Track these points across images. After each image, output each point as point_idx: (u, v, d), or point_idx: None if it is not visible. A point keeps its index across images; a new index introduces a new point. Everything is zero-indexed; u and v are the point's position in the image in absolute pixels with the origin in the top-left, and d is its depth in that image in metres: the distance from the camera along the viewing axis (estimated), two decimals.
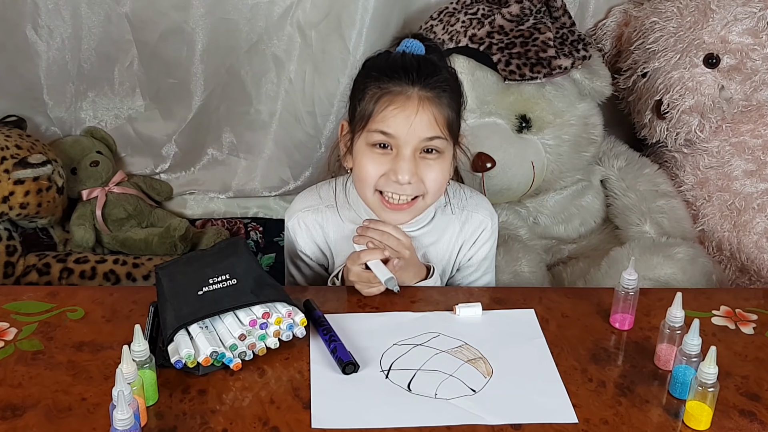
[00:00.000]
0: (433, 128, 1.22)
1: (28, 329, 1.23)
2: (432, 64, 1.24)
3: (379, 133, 1.23)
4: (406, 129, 1.21)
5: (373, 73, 1.25)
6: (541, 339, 1.26)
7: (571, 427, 1.07)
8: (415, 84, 1.21)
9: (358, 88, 1.28)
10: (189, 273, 1.23)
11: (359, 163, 1.28)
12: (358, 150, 1.28)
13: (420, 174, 1.25)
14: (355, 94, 1.29)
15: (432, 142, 1.23)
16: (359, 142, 1.27)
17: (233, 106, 2.18)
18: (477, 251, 1.46)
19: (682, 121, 2.01)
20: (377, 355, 1.19)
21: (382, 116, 1.21)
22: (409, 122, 1.20)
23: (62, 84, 2.11)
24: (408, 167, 1.23)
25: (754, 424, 1.10)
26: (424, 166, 1.25)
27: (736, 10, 1.96)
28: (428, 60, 1.25)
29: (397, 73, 1.21)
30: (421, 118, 1.20)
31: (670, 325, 1.17)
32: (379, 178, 1.26)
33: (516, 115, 1.95)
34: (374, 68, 1.26)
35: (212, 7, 1.99)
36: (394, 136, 1.22)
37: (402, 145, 1.22)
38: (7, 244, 1.93)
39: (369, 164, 1.26)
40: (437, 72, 1.23)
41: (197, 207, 2.32)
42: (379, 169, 1.25)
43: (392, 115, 1.20)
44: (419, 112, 1.20)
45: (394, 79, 1.21)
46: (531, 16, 1.93)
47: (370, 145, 1.25)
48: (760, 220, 1.97)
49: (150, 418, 1.05)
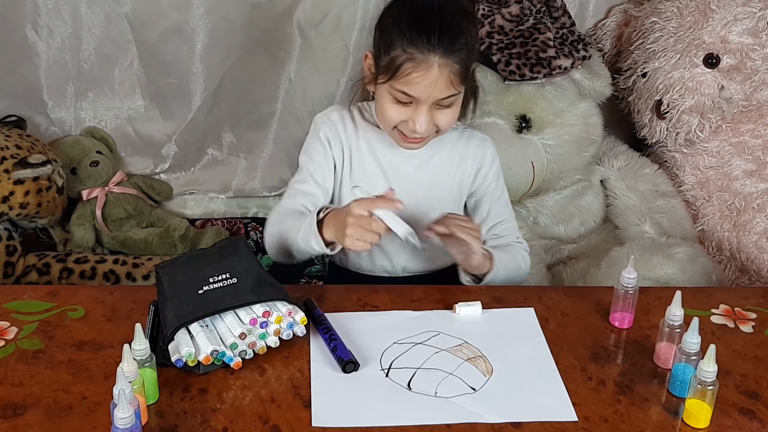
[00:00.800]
0: (449, 88, 1.31)
1: (29, 328, 1.23)
2: (451, 24, 1.30)
3: (401, 93, 1.32)
4: (426, 93, 1.31)
5: (397, 30, 1.31)
6: (540, 338, 1.26)
7: (571, 425, 1.07)
8: (436, 51, 1.28)
9: (385, 34, 1.34)
10: (189, 272, 1.23)
11: (382, 106, 1.38)
12: (381, 94, 1.37)
13: (434, 120, 1.35)
14: (381, 36, 1.35)
15: (447, 99, 1.33)
16: (383, 87, 1.35)
17: (233, 106, 2.19)
18: (488, 170, 1.52)
19: (682, 121, 2.01)
20: (377, 354, 1.20)
21: (405, 80, 1.30)
22: (430, 88, 1.30)
23: (62, 84, 2.11)
24: (425, 119, 1.33)
25: (753, 422, 1.10)
26: (439, 113, 1.35)
27: (736, 10, 1.96)
28: (449, 19, 1.30)
29: (420, 39, 1.28)
30: (440, 83, 1.30)
31: (670, 324, 1.17)
32: (399, 122, 1.36)
33: (516, 115, 1.95)
34: (400, 22, 1.32)
35: (212, 7, 1.99)
36: (415, 97, 1.32)
37: (421, 102, 1.32)
38: (7, 244, 1.93)
39: (390, 110, 1.36)
40: (457, 35, 1.29)
41: (197, 207, 2.33)
42: (399, 116, 1.36)
43: (415, 82, 1.29)
44: (439, 79, 1.29)
45: (417, 45, 1.28)
46: (531, 16, 1.93)
47: (394, 98, 1.34)
48: (760, 220, 1.97)
49: (151, 417, 1.05)
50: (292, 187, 1.48)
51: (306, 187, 1.46)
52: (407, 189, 1.43)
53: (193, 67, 2.08)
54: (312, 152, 1.48)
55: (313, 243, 1.31)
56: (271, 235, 1.44)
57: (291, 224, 1.37)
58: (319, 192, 1.46)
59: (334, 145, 1.47)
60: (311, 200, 1.44)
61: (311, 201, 1.44)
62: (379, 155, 1.47)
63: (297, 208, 1.43)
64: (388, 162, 1.47)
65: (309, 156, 1.48)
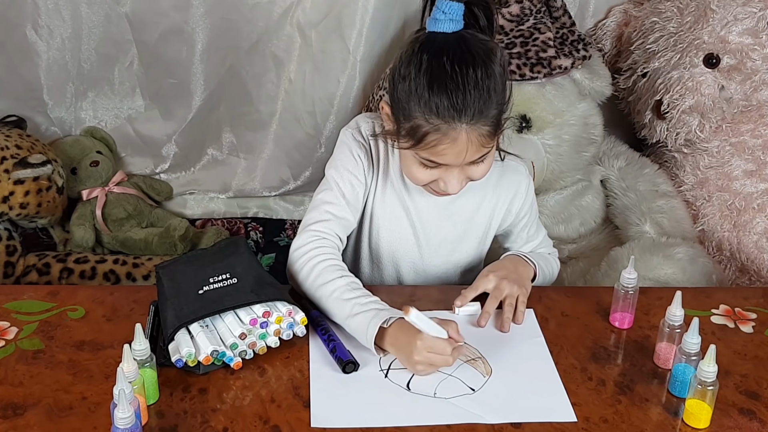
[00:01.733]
0: (480, 150, 1.20)
1: (29, 328, 1.23)
2: (477, 84, 1.14)
3: (428, 161, 1.21)
4: (457, 161, 1.19)
5: (416, 96, 1.16)
6: (540, 338, 1.26)
7: (571, 425, 1.07)
8: (463, 119, 1.14)
9: (402, 99, 1.19)
10: (189, 272, 1.23)
11: (408, 167, 1.26)
12: (406, 154, 1.24)
13: (468, 175, 1.24)
14: (396, 97, 1.20)
15: (480, 159, 1.22)
16: (407, 150, 1.22)
17: (233, 106, 2.19)
18: (523, 202, 1.43)
19: (682, 121, 2.01)
20: (376, 355, 1.19)
21: (432, 150, 1.18)
22: (460, 156, 1.18)
23: (62, 84, 2.11)
24: (457, 181, 1.23)
25: (754, 422, 1.10)
26: (472, 169, 1.24)
27: (736, 10, 1.96)
28: (472, 78, 1.14)
29: (443, 108, 1.14)
30: (470, 150, 1.18)
31: (670, 324, 1.17)
32: (429, 182, 1.26)
33: (516, 115, 1.95)
34: (417, 88, 1.16)
35: (212, 7, 1.99)
36: (444, 164, 1.21)
37: (452, 166, 1.22)
38: (7, 244, 1.94)
39: (418, 173, 1.24)
40: (482, 96, 1.15)
41: (197, 207, 2.33)
42: (428, 177, 1.24)
43: (443, 153, 1.18)
44: (468, 147, 1.17)
45: (439, 115, 1.15)
46: (531, 16, 1.93)
47: (419, 161, 1.22)
48: (760, 220, 1.97)
49: (151, 417, 1.05)
50: (321, 206, 1.33)
51: (338, 211, 1.33)
52: (428, 231, 1.40)
53: (193, 67, 2.08)
54: (343, 169, 1.34)
55: (363, 343, 1.18)
56: (301, 280, 1.27)
57: (336, 298, 1.22)
58: (351, 216, 1.34)
59: (366, 168, 1.35)
60: (344, 226, 1.34)
61: (344, 227, 1.34)
62: (404, 194, 1.38)
63: (333, 253, 1.29)
64: (413, 204, 1.38)
65: (339, 173, 1.34)
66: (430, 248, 1.43)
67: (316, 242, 1.29)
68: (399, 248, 1.42)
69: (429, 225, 1.40)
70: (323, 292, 1.23)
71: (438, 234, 1.41)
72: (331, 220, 1.32)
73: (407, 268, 1.45)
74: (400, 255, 1.43)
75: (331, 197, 1.33)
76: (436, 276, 1.46)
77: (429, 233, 1.41)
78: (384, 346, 1.17)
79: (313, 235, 1.30)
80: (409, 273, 1.45)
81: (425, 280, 1.46)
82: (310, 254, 1.27)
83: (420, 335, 1.12)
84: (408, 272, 1.45)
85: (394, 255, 1.43)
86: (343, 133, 1.38)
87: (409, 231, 1.40)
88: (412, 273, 1.45)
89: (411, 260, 1.44)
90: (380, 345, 1.17)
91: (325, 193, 1.34)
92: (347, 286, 1.23)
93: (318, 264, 1.25)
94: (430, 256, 1.43)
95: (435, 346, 1.12)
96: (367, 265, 1.47)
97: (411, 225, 1.40)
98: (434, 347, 1.12)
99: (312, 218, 1.32)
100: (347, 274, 1.26)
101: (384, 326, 1.16)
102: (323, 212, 1.32)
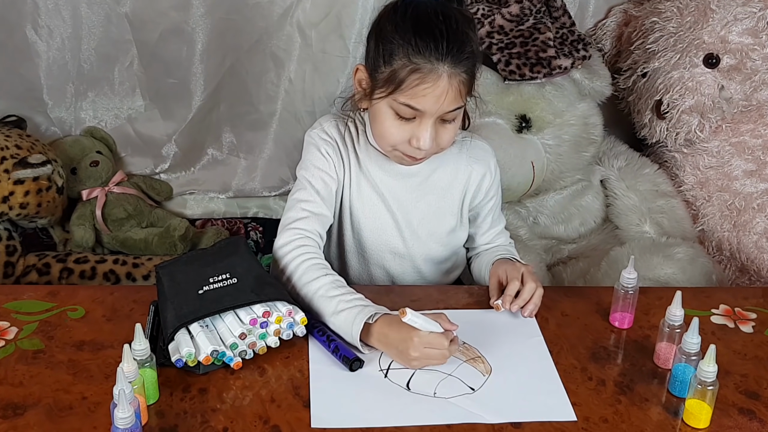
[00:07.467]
0: (457, 100, 1.25)
1: (29, 328, 1.23)
2: (458, 31, 1.23)
3: (407, 108, 1.25)
4: (435, 106, 1.24)
5: (400, 38, 1.23)
6: (540, 338, 1.26)
7: (571, 425, 1.07)
8: (445, 60, 1.21)
9: (384, 43, 1.26)
10: (189, 272, 1.23)
11: (381, 124, 1.30)
12: (379, 110, 1.29)
13: (437, 138, 1.29)
14: (379, 46, 1.27)
15: (452, 113, 1.27)
16: (382, 102, 1.27)
17: (233, 106, 2.19)
18: (491, 183, 1.48)
19: (682, 121, 2.01)
20: (376, 354, 1.19)
21: (412, 92, 1.23)
22: (439, 101, 1.23)
23: (62, 84, 2.11)
24: (430, 135, 1.27)
25: (754, 422, 1.10)
26: (442, 130, 1.29)
27: (736, 10, 1.96)
28: (454, 25, 1.23)
29: (427, 48, 1.21)
30: (449, 95, 1.23)
31: (670, 324, 1.18)
32: (401, 141, 1.30)
33: (516, 115, 1.95)
34: (401, 30, 1.24)
35: (212, 7, 1.99)
36: (420, 110, 1.25)
37: (427, 116, 1.26)
38: (7, 244, 1.93)
39: (391, 128, 1.29)
40: (464, 42, 1.23)
41: (197, 207, 2.32)
42: (402, 135, 1.28)
43: (422, 94, 1.22)
44: (448, 90, 1.23)
45: (423, 54, 1.21)
46: (531, 16, 1.93)
47: (395, 113, 1.27)
48: (760, 220, 1.97)
49: (151, 417, 1.05)
50: (297, 205, 1.36)
51: (314, 207, 1.36)
52: (406, 213, 1.43)
53: (193, 67, 2.08)
54: (313, 168, 1.39)
55: (348, 339, 1.19)
56: (286, 278, 1.29)
57: (321, 296, 1.23)
58: (327, 212, 1.38)
59: (336, 164, 1.40)
60: (322, 222, 1.37)
61: (322, 223, 1.36)
62: (378, 181, 1.42)
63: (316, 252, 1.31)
64: (388, 189, 1.42)
65: (310, 172, 1.39)
66: (410, 230, 1.44)
67: (299, 240, 1.32)
68: (381, 235, 1.44)
69: (406, 206, 1.43)
70: (308, 291, 1.25)
71: (416, 215, 1.44)
72: (309, 217, 1.35)
73: (391, 255, 1.46)
74: (383, 242, 1.45)
75: (306, 195, 1.37)
76: (421, 260, 1.48)
77: (408, 215, 1.43)
78: (370, 342, 1.18)
79: (295, 233, 1.33)
80: (395, 260, 1.47)
81: (412, 266, 1.48)
82: (293, 253, 1.30)
83: (415, 332, 1.14)
84: (393, 259, 1.47)
85: (378, 243, 1.45)
86: (309, 135, 1.43)
87: (387, 216, 1.43)
88: (398, 259, 1.47)
89: (394, 246, 1.45)
90: (366, 341, 1.18)
91: (299, 192, 1.38)
92: (332, 284, 1.24)
93: (302, 263, 1.28)
94: (411, 238, 1.45)
95: (432, 341, 1.14)
96: (353, 258, 1.48)
97: (388, 210, 1.43)
98: (431, 342, 1.14)
99: (291, 217, 1.36)
100: (331, 272, 1.28)
101: (369, 322, 1.17)
102: (300, 210, 1.36)
